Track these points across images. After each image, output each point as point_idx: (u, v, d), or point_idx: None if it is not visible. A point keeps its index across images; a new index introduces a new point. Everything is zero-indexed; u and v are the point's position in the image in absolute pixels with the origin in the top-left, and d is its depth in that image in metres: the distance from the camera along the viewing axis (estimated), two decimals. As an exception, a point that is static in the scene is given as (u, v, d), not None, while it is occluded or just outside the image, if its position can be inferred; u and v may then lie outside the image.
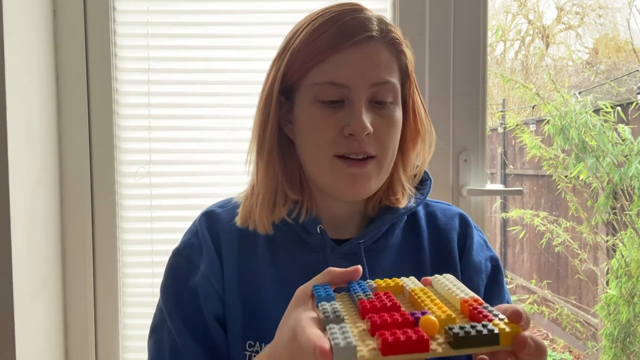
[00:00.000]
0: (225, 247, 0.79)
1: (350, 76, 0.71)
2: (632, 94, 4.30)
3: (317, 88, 0.72)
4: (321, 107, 0.72)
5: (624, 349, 3.45)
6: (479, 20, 1.26)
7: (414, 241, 0.81)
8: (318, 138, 0.73)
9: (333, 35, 0.71)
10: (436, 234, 0.83)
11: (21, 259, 1.12)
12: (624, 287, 3.43)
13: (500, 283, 0.83)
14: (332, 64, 0.71)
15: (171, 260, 0.82)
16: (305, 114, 0.74)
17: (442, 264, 0.81)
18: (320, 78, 0.72)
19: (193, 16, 1.29)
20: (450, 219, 0.84)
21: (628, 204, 3.55)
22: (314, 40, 0.72)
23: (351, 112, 0.71)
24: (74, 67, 1.27)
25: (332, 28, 0.71)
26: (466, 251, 0.82)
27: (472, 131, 1.27)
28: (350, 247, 0.77)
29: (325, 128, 0.72)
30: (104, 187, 1.29)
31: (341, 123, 0.72)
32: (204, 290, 0.77)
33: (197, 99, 1.30)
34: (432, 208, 0.86)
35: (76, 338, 1.30)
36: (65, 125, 1.28)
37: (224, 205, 0.84)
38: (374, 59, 0.72)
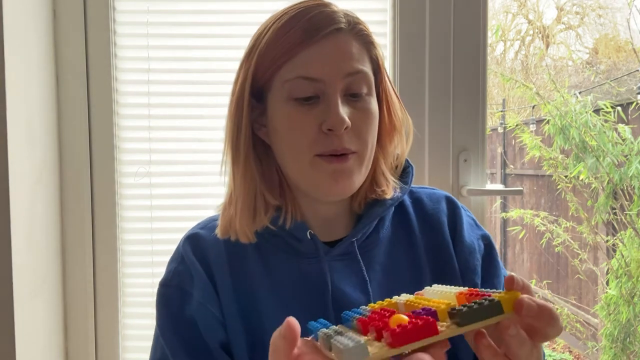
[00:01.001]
0: (216, 268, 0.76)
1: (323, 69, 0.69)
2: (632, 94, 4.30)
3: (288, 85, 0.70)
4: (295, 105, 0.71)
5: (624, 349, 3.45)
6: (479, 20, 1.26)
7: (404, 231, 0.80)
8: (296, 138, 0.71)
9: (301, 30, 0.70)
10: (425, 220, 0.82)
11: (21, 259, 1.12)
12: (624, 287, 3.43)
13: (495, 260, 0.83)
14: (302, 58, 0.70)
15: (160, 292, 0.78)
16: (279, 115, 0.72)
17: (436, 249, 0.80)
18: (292, 74, 0.70)
19: (193, 16, 1.29)
20: (437, 203, 0.83)
21: (628, 204, 3.55)
22: (282, 37, 0.70)
23: (327, 106, 0.70)
24: (74, 67, 1.27)
25: (300, 23, 0.70)
26: (457, 234, 0.81)
27: (472, 131, 1.27)
28: (343, 247, 0.76)
29: (303, 127, 0.70)
30: (104, 187, 1.29)
31: (318, 119, 0.70)
32: (203, 319, 0.74)
33: (197, 99, 1.30)
34: (418, 194, 0.85)
35: (76, 338, 1.30)
36: (65, 125, 1.28)
37: (205, 225, 0.81)
38: (344, 49, 0.71)
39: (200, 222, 0.83)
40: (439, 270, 0.79)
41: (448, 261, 0.79)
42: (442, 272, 0.79)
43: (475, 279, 0.80)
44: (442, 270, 0.79)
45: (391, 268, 0.78)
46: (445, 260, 0.79)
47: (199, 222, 0.83)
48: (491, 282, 0.81)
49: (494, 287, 0.80)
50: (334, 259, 0.75)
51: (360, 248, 0.77)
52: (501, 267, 0.83)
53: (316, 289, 0.74)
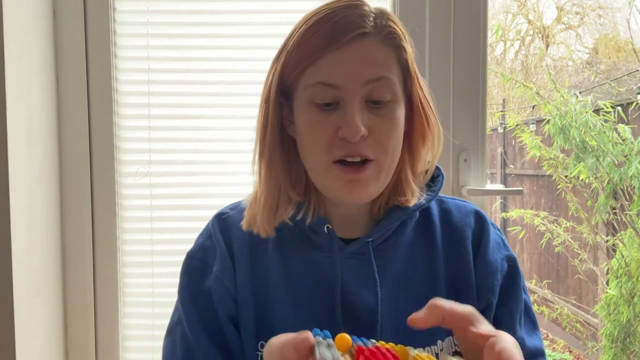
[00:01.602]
0: (237, 249, 0.78)
1: (342, 75, 0.69)
2: (632, 94, 4.30)
3: (309, 90, 0.71)
4: (315, 110, 0.71)
5: (624, 349, 3.45)
6: (479, 20, 1.26)
7: (426, 239, 0.79)
8: (314, 142, 0.71)
9: (324, 34, 0.69)
10: (450, 231, 0.80)
11: (21, 259, 1.12)
12: (624, 287, 3.43)
13: (517, 284, 0.80)
14: (323, 64, 0.69)
15: (186, 262, 0.82)
16: (301, 117, 0.73)
17: (456, 263, 0.78)
18: (313, 79, 0.70)
19: (193, 16, 1.29)
20: (466, 216, 0.81)
21: (628, 204, 3.55)
22: (306, 41, 0.70)
23: (344, 113, 0.69)
24: (74, 67, 1.27)
25: (324, 27, 0.69)
26: (481, 250, 0.79)
27: (472, 131, 1.27)
28: (358, 246, 0.75)
29: (320, 132, 0.70)
30: (104, 187, 1.29)
31: (335, 125, 0.70)
32: (217, 292, 0.77)
33: (197, 99, 1.30)
34: (447, 205, 0.83)
35: (76, 338, 1.30)
36: (65, 125, 1.28)
37: (235, 207, 0.83)
38: (367, 56, 0.69)
39: (232, 203, 0.85)
40: (455, 285, 0.78)
41: (466, 277, 0.78)
42: (458, 287, 0.78)
43: (491, 298, 0.78)
44: (458, 285, 0.78)
45: (406, 275, 0.77)
46: (463, 275, 0.78)
47: (231, 203, 0.85)
48: (509, 306, 0.79)
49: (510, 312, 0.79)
50: (348, 256, 0.75)
51: (376, 250, 0.76)
52: (521, 294, 0.81)
53: (326, 283, 0.75)
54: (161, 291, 1.31)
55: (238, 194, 0.84)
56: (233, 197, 0.86)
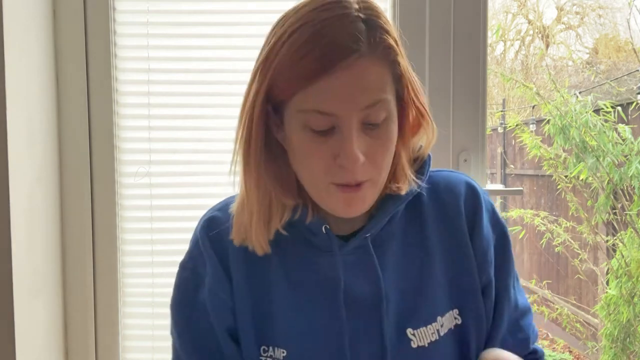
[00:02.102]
0: (231, 253, 0.76)
1: (338, 104, 0.65)
2: (632, 94, 4.30)
3: (303, 115, 0.67)
4: (311, 135, 0.68)
5: (624, 349, 3.45)
6: (479, 20, 1.26)
7: (417, 219, 0.78)
8: (311, 167, 0.70)
9: (316, 58, 0.64)
10: (441, 206, 0.79)
11: (21, 259, 1.12)
12: (624, 287, 3.43)
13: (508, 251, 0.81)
14: (317, 90, 0.65)
15: (178, 273, 0.80)
16: (295, 139, 0.70)
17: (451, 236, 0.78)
18: (306, 105, 0.66)
19: (193, 16, 1.29)
20: (455, 187, 0.80)
21: (628, 204, 3.55)
22: (297, 62, 0.65)
23: (341, 141, 0.66)
24: (74, 67, 1.27)
25: (316, 49, 0.64)
26: (477, 225, 0.79)
27: (472, 131, 1.27)
28: (356, 242, 0.75)
29: (317, 158, 0.68)
30: (104, 187, 1.29)
31: (332, 151, 0.67)
32: (212, 305, 0.76)
33: (197, 99, 1.30)
34: (434, 179, 0.80)
35: (76, 338, 1.30)
36: (65, 125, 1.28)
37: (222, 208, 0.80)
38: (363, 81, 0.66)
39: (217, 204, 0.82)
40: (452, 258, 0.78)
41: (463, 250, 0.78)
42: (455, 260, 0.78)
43: (490, 271, 0.79)
44: (455, 258, 0.78)
45: (403, 257, 0.77)
46: (460, 248, 0.78)
47: (215, 204, 0.83)
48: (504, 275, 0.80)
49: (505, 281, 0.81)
50: (348, 252, 0.75)
51: (374, 241, 0.76)
52: (512, 258, 0.82)
53: (328, 283, 0.74)
54: (161, 291, 1.31)
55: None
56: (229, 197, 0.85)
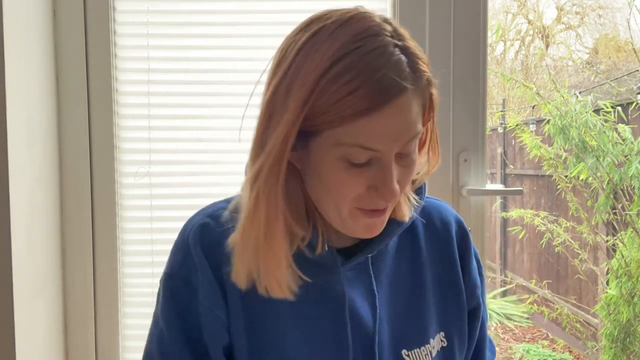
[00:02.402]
0: (225, 266, 0.71)
1: (385, 141, 0.65)
2: (632, 94, 4.30)
3: (344, 149, 0.65)
4: (347, 167, 0.66)
5: (624, 349, 3.45)
6: (479, 20, 1.26)
7: (410, 242, 0.81)
8: (341, 195, 0.68)
9: (366, 94, 0.62)
10: (433, 232, 0.82)
11: (21, 259, 1.12)
12: (624, 287, 3.43)
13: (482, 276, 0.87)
14: (363, 126, 0.63)
15: (167, 285, 0.74)
16: (327, 168, 0.67)
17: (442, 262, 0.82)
18: (349, 139, 0.64)
19: (193, 16, 1.29)
20: (447, 217, 0.84)
21: (628, 204, 3.55)
22: (345, 97, 0.62)
23: (381, 174, 0.66)
24: (74, 67, 1.27)
25: (367, 85, 0.62)
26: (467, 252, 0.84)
27: (472, 131, 1.27)
28: (358, 260, 0.75)
29: (351, 188, 0.67)
30: (104, 187, 1.29)
31: (368, 182, 0.67)
32: (207, 321, 0.72)
33: (197, 99, 1.30)
34: (426, 206, 0.83)
35: (76, 338, 1.30)
36: (65, 125, 1.28)
37: (213, 215, 0.75)
38: (408, 117, 0.65)
39: (206, 209, 0.78)
40: (441, 283, 0.81)
41: (452, 277, 0.82)
42: (444, 285, 0.81)
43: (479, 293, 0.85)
44: (444, 284, 0.81)
45: (395, 278, 0.79)
46: (450, 274, 0.82)
47: (203, 208, 0.78)
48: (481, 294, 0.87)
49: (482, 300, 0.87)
50: (347, 269, 0.75)
51: (371, 259, 0.77)
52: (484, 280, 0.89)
53: (333, 300, 0.74)
54: (161, 291, 1.31)
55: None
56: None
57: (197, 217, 0.77)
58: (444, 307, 0.81)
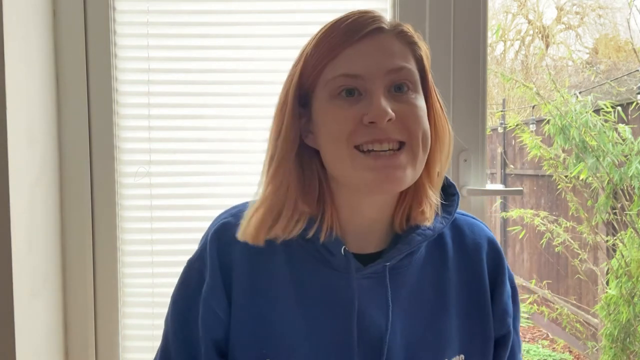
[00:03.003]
0: (237, 264, 0.75)
1: (364, 66, 0.69)
2: (632, 94, 4.30)
3: (330, 84, 0.70)
4: (338, 102, 0.70)
5: (624, 349, 3.45)
6: (479, 20, 1.26)
7: (437, 258, 0.78)
8: (335, 131, 0.69)
9: (343, 32, 0.70)
10: (463, 252, 0.80)
11: (21, 259, 1.12)
12: (624, 287, 3.42)
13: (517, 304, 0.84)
14: (344, 57, 0.70)
15: (185, 269, 0.80)
16: (321, 113, 0.71)
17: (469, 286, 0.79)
18: (334, 73, 0.70)
19: (193, 16, 1.29)
20: (479, 238, 0.81)
21: (628, 204, 3.55)
22: (324, 40, 0.71)
23: (369, 100, 0.68)
24: (74, 67, 1.27)
25: (342, 26, 0.71)
26: (500, 277, 0.81)
27: (472, 131, 1.27)
28: (375, 268, 0.74)
29: (343, 121, 0.69)
30: (104, 187, 1.29)
31: (360, 113, 0.68)
32: (203, 314, 0.75)
33: (197, 99, 1.30)
34: (458, 222, 0.82)
35: (76, 338, 1.30)
36: (65, 125, 1.28)
37: (237, 214, 0.78)
38: (386, 48, 0.70)
39: (234, 207, 0.81)
40: (467, 305, 0.79)
41: (481, 301, 0.79)
42: (471, 308, 0.79)
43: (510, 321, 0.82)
44: (471, 306, 0.79)
45: (417, 294, 0.77)
46: (478, 298, 0.79)
47: (233, 206, 0.81)
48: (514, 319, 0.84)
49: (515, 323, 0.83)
50: (363, 276, 0.74)
51: (391, 270, 0.75)
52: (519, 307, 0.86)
53: (342, 305, 0.73)
54: (161, 291, 1.31)
55: (238, 193, 0.84)
56: (233, 197, 0.85)
57: (224, 214, 0.81)
58: (467, 331, 0.78)
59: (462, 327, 0.77)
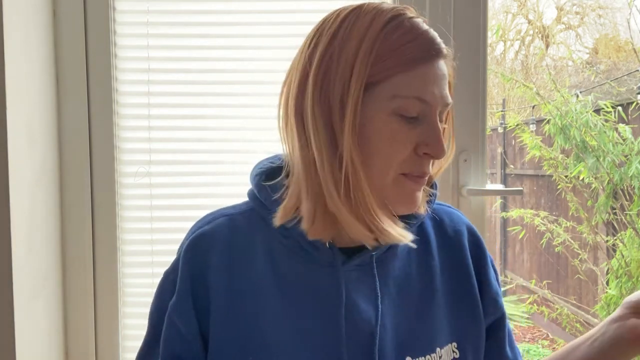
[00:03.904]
0: (215, 270, 0.73)
1: (435, 93, 0.68)
2: (632, 94, 4.30)
3: (399, 101, 0.67)
4: (400, 122, 0.68)
5: (624, 349, 3.44)
6: (479, 20, 1.26)
7: (421, 247, 0.77)
8: (392, 154, 0.68)
9: (420, 45, 0.68)
10: (444, 238, 0.81)
11: (21, 260, 1.12)
12: (624, 287, 3.43)
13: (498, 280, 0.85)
14: (420, 76, 0.67)
15: (161, 280, 0.80)
16: (378, 124, 0.68)
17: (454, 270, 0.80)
18: (406, 91, 0.67)
19: (193, 16, 1.29)
20: (458, 225, 0.82)
21: (628, 204, 3.55)
22: (400, 47, 0.67)
23: (430, 131, 0.68)
24: (74, 67, 1.27)
25: (420, 37, 0.68)
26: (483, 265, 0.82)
27: (472, 131, 1.27)
28: (361, 259, 0.73)
29: (402, 145, 0.68)
30: (104, 187, 1.29)
31: (416, 140, 0.69)
32: (166, 329, 0.78)
33: (197, 99, 1.30)
34: (436, 211, 0.82)
35: (76, 338, 1.30)
36: (65, 125, 1.28)
37: (213, 220, 0.76)
38: (446, 76, 0.70)
39: (208, 216, 0.78)
40: (454, 292, 0.79)
41: (467, 287, 0.80)
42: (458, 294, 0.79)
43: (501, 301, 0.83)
44: (458, 293, 0.79)
45: (404, 283, 0.76)
46: (464, 283, 0.80)
47: (207, 215, 0.79)
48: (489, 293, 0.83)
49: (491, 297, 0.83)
50: (350, 268, 0.73)
51: (377, 260, 0.74)
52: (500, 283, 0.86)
53: (329, 299, 0.72)
54: (161, 291, 1.31)
55: (238, 193, 0.83)
56: (233, 197, 0.84)
57: (197, 225, 0.79)
58: (457, 317, 0.78)
59: (451, 314, 0.78)
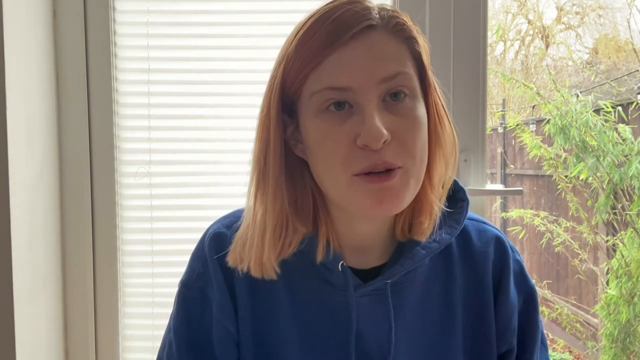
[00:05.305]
0: (237, 279, 0.69)
1: (353, 76, 0.60)
2: (632, 94, 4.30)
3: (316, 97, 0.62)
4: (326, 117, 0.61)
5: (624, 349, 3.45)
6: (479, 20, 1.26)
7: (443, 270, 0.72)
8: (330, 155, 0.62)
9: (326, 32, 0.60)
10: (470, 262, 0.73)
11: (21, 260, 1.12)
12: (624, 287, 3.43)
13: (534, 317, 0.75)
14: (328, 65, 0.61)
15: (182, 293, 0.73)
16: (311, 130, 0.63)
17: (475, 300, 0.73)
18: (319, 85, 0.61)
19: (193, 16, 1.29)
20: (486, 245, 0.74)
21: (628, 204, 3.55)
22: (305, 43, 0.62)
23: (361, 118, 0.60)
24: (74, 67, 1.27)
25: (325, 25, 0.61)
26: (502, 288, 0.73)
27: (472, 131, 1.27)
28: (376, 285, 0.68)
29: (335, 142, 0.61)
30: (104, 187, 1.29)
31: (352, 133, 0.60)
32: (218, 336, 0.70)
33: (197, 99, 1.30)
34: (467, 228, 0.75)
35: (76, 338, 1.30)
36: (65, 125, 1.28)
37: (231, 225, 0.72)
38: (377, 50, 0.61)
39: (226, 218, 0.75)
40: (472, 321, 0.73)
41: (485, 316, 0.72)
42: (475, 324, 0.73)
43: (513, 340, 0.74)
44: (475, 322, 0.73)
45: (422, 311, 0.71)
46: (482, 313, 0.73)
47: (224, 216, 0.75)
48: (526, 341, 0.75)
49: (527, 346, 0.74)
50: (363, 294, 0.68)
51: (392, 285, 0.69)
52: (539, 325, 0.76)
53: (340, 325, 0.69)
54: (161, 291, 1.31)
55: (238, 194, 0.83)
56: (233, 197, 0.85)
57: (214, 225, 0.75)
58: (473, 349, 0.72)
59: (469, 343, 0.72)
